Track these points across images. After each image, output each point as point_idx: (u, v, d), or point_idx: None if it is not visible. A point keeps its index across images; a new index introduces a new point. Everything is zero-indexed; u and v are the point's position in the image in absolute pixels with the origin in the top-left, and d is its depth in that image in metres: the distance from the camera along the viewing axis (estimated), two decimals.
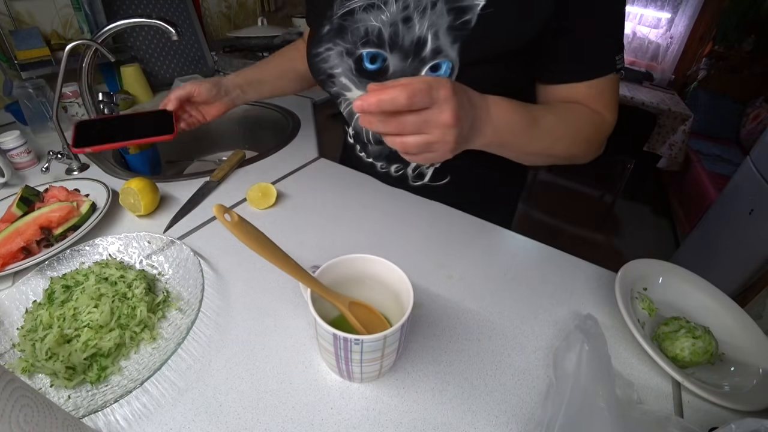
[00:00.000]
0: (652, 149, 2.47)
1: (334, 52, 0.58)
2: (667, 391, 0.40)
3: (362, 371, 0.36)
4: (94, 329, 0.39)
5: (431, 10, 0.50)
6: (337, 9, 0.56)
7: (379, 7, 0.53)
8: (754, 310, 1.23)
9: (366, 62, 0.56)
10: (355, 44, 0.56)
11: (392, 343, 0.34)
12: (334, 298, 0.37)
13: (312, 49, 0.61)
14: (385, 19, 0.53)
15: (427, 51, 0.52)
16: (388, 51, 0.54)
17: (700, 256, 1.76)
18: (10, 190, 0.65)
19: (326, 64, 0.60)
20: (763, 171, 1.49)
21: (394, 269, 0.38)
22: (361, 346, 0.32)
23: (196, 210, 0.63)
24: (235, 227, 0.31)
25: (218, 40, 1.45)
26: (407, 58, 0.53)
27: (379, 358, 0.34)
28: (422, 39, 0.51)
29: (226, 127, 1.15)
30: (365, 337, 0.32)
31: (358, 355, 0.33)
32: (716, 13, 2.77)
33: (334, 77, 0.60)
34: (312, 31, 0.63)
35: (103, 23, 1.05)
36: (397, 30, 0.53)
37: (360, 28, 0.55)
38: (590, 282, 0.53)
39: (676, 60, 3.01)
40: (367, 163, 0.71)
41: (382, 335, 0.32)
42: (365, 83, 0.57)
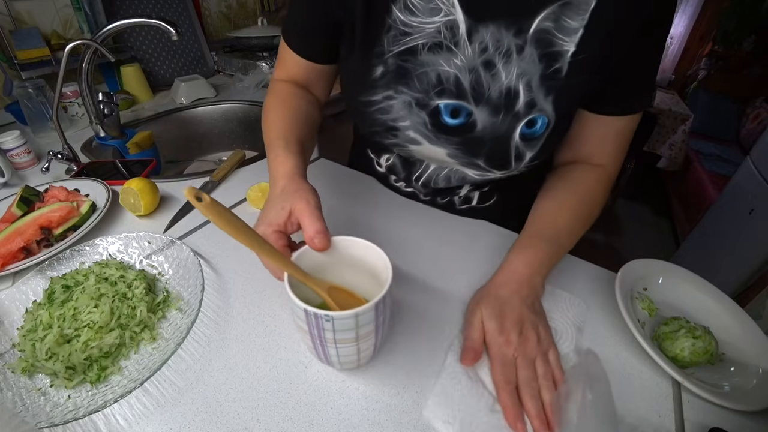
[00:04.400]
0: (652, 149, 2.47)
1: (397, 102, 0.49)
2: (667, 391, 0.40)
3: (338, 354, 0.35)
4: (94, 329, 0.39)
5: (518, 56, 0.43)
6: (391, 45, 0.46)
7: (449, 49, 0.44)
8: (754, 310, 1.23)
9: (445, 116, 0.48)
10: (426, 93, 0.47)
11: (367, 323, 0.33)
12: (312, 282, 0.36)
13: (360, 95, 0.51)
14: (459, 63, 0.45)
15: (520, 105, 0.46)
16: (472, 103, 0.47)
17: (700, 256, 1.76)
18: (10, 190, 0.65)
19: (387, 115, 0.51)
20: (763, 171, 1.49)
21: (374, 249, 0.37)
22: (332, 324, 0.32)
23: (196, 210, 0.62)
24: (208, 209, 0.30)
25: (218, 40, 1.45)
26: (497, 113, 0.47)
27: (353, 339, 0.33)
28: (513, 90, 0.45)
29: (226, 127, 1.15)
30: (336, 313, 0.31)
31: (330, 333, 0.32)
32: (716, 13, 2.77)
33: (398, 130, 0.52)
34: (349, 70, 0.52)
35: (103, 23, 1.05)
36: (479, 78, 0.45)
37: (430, 73, 0.46)
38: (590, 282, 0.53)
39: (676, 60, 3.01)
40: (406, 192, 0.67)
41: (353, 312, 0.31)
42: (443, 139, 0.50)
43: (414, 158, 0.60)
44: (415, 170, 0.63)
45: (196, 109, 1.11)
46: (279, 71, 0.59)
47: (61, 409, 0.35)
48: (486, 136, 0.49)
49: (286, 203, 0.39)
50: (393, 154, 0.64)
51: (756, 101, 2.69)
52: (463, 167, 0.56)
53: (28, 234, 0.51)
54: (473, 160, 0.52)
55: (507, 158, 0.51)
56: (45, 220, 0.53)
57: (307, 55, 0.55)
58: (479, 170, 0.55)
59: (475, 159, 0.52)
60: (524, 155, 0.51)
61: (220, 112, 1.14)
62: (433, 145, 0.52)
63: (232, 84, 1.26)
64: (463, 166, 0.55)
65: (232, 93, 1.20)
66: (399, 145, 0.55)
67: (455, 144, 0.51)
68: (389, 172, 0.67)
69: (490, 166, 0.52)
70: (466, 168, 0.56)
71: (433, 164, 0.59)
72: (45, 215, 0.54)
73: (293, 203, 0.39)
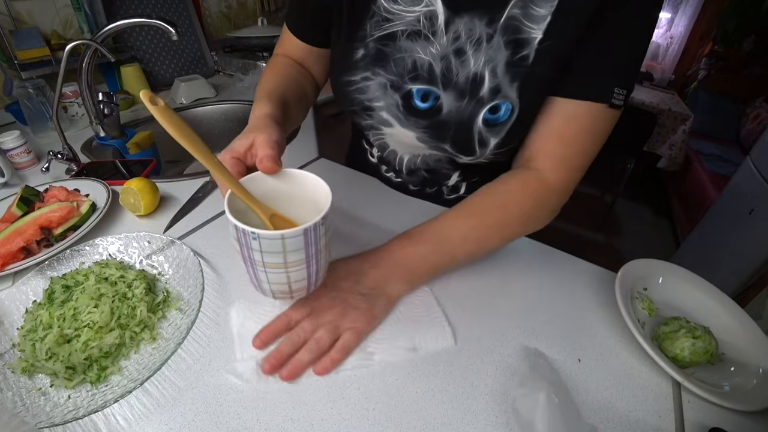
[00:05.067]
0: (652, 149, 2.47)
1: (374, 83, 0.51)
2: (667, 391, 0.40)
3: (269, 280, 0.35)
4: (94, 329, 0.39)
5: (487, 44, 0.44)
6: (373, 30, 0.48)
7: (426, 38, 0.46)
8: (754, 310, 1.23)
9: (416, 99, 0.50)
10: (401, 77, 0.49)
11: (296, 249, 0.33)
12: (255, 205, 0.36)
13: (341, 75, 0.53)
14: (434, 52, 0.46)
15: (484, 90, 0.47)
16: (441, 88, 0.48)
17: (700, 256, 1.76)
18: (10, 190, 0.65)
19: (363, 95, 0.53)
20: (763, 171, 1.49)
21: (322, 185, 0.37)
22: (259, 243, 0.32)
23: (196, 210, 0.63)
24: (160, 113, 0.30)
25: (218, 40, 1.45)
26: (462, 97, 0.48)
27: (282, 265, 0.33)
28: (479, 76, 0.46)
29: (226, 127, 1.15)
30: (262, 232, 0.31)
31: (258, 254, 0.33)
32: (716, 13, 2.77)
33: (373, 110, 0.54)
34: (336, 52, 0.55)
35: (103, 23, 1.05)
36: (449, 64, 0.47)
37: (406, 59, 0.48)
38: (590, 282, 0.53)
39: (676, 60, 3.01)
40: (396, 183, 0.69)
41: (279, 233, 0.31)
42: (414, 122, 0.52)
43: (390, 149, 0.62)
44: (394, 161, 0.65)
45: (196, 109, 1.11)
46: (280, 48, 0.62)
47: (61, 409, 0.35)
48: (451, 120, 0.50)
49: (251, 134, 0.39)
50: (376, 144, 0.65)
51: (756, 101, 2.69)
52: (432, 151, 0.57)
53: (28, 234, 0.51)
54: (440, 144, 0.54)
55: (471, 143, 0.51)
56: (45, 220, 0.53)
57: (304, 38, 0.58)
58: (447, 155, 0.56)
59: (441, 143, 0.53)
60: (488, 141, 0.51)
61: (220, 112, 1.14)
62: (403, 128, 0.54)
63: (232, 84, 1.26)
64: (432, 150, 0.57)
65: (232, 93, 1.20)
66: (374, 127, 0.57)
67: (423, 127, 0.52)
68: (380, 162, 0.69)
69: (456, 151, 0.53)
70: (434, 152, 0.58)
71: (406, 154, 0.62)
72: (45, 215, 0.54)
73: (256, 135, 0.39)
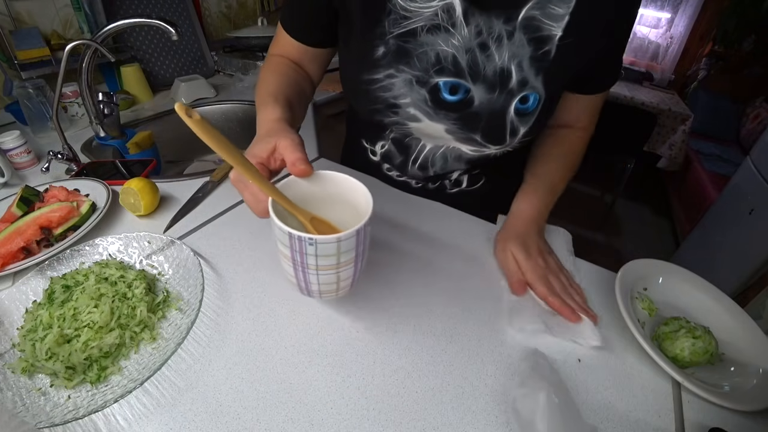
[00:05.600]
0: (652, 149, 2.47)
1: (399, 80, 0.52)
2: (667, 391, 0.40)
3: (319, 282, 0.36)
4: (94, 329, 0.39)
5: (508, 40, 0.47)
6: (391, 27, 0.49)
7: (447, 30, 0.47)
8: (754, 310, 1.23)
9: (444, 93, 0.51)
10: (426, 71, 0.50)
11: (348, 250, 0.34)
12: (296, 210, 0.37)
13: (363, 74, 0.53)
14: (457, 44, 0.48)
15: (513, 83, 0.49)
16: (470, 81, 0.50)
17: (700, 256, 1.76)
18: (10, 190, 0.65)
19: (389, 92, 0.53)
20: (763, 171, 1.49)
21: (358, 186, 0.38)
22: (315, 247, 0.32)
23: (196, 210, 0.63)
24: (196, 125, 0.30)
25: (218, 40, 1.45)
26: (493, 90, 0.50)
27: (334, 266, 0.34)
28: (506, 70, 0.49)
29: (225, 126, 1.15)
30: (319, 237, 0.32)
31: (313, 259, 0.33)
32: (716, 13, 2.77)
33: (399, 107, 0.54)
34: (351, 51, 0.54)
35: (103, 23, 1.05)
36: (475, 58, 0.48)
37: (429, 52, 0.49)
38: (590, 282, 0.53)
39: (676, 60, 3.01)
40: (399, 182, 0.70)
41: (335, 237, 0.32)
42: (442, 114, 0.53)
43: (411, 138, 0.62)
44: (411, 152, 0.65)
45: (196, 109, 1.11)
46: (275, 48, 0.62)
47: (61, 409, 0.35)
48: (483, 111, 0.52)
49: (272, 139, 0.40)
50: (388, 141, 0.65)
51: (756, 101, 2.69)
52: (459, 143, 0.58)
53: (28, 234, 0.51)
54: (470, 135, 0.55)
55: (503, 132, 0.54)
56: (45, 220, 0.53)
57: (300, 38, 0.58)
58: (475, 145, 0.57)
59: (472, 134, 0.55)
60: (518, 130, 0.54)
61: (220, 112, 1.14)
62: (432, 122, 0.55)
63: (232, 84, 1.26)
64: (460, 142, 0.58)
65: (232, 93, 1.20)
66: (399, 123, 0.57)
67: (453, 119, 0.54)
68: (383, 160, 0.69)
69: (486, 141, 0.55)
70: (462, 144, 0.58)
71: (429, 143, 0.62)
72: (45, 215, 0.54)
73: (278, 139, 0.39)
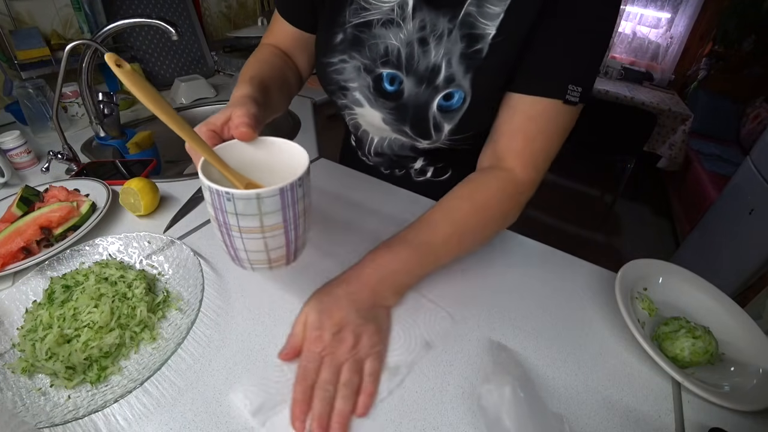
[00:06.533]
0: (652, 149, 2.47)
1: (350, 65, 0.55)
2: (667, 391, 0.40)
3: (245, 247, 0.33)
4: (94, 329, 0.39)
5: (447, 37, 0.48)
6: (351, 17, 0.52)
7: (398, 24, 0.50)
8: (754, 310, 1.23)
9: (385, 82, 0.54)
10: (374, 61, 0.53)
11: (272, 212, 0.32)
12: (230, 174, 0.35)
13: (323, 57, 0.57)
14: (402, 37, 0.50)
15: (440, 79, 0.50)
16: (404, 73, 0.52)
17: (700, 256, 1.76)
18: (10, 190, 0.65)
19: (340, 75, 0.57)
20: (763, 171, 1.49)
21: (295, 148, 0.37)
22: (234, 204, 0.30)
23: (196, 210, 0.63)
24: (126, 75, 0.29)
25: (218, 40, 1.45)
26: (421, 83, 0.52)
27: (259, 229, 0.32)
28: (437, 66, 0.50)
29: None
30: (236, 192, 0.30)
31: (233, 218, 0.31)
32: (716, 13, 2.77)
33: (348, 90, 0.58)
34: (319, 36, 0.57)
35: (103, 23, 1.05)
36: (412, 52, 0.50)
37: (379, 45, 0.52)
38: (590, 282, 0.53)
39: (676, 60, 3.01)
40: (369, 165, 0.72)
41: (254, 192, 0.30)
42: (381, 103, 0.56)
43: (362, 130, 0.66)
44: (365, 142, 0.68)
45: (196, 109, 1.11)
46: (267, 37, 0.63)
47: (61, 409, 0.35)
48: (410, 103, 0.54)
49: (228, 110, 0.40)
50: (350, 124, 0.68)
51: (756, 101, 2.68)
52: (396, 134, 0.60)
53: (28, 234, 0.51)
54: (401, 127, 0.57)
55: (427, 127, 0.55)
56: (45, 220, 0.53)
57: (295, 22, 0.60)
58: (408, 138, 0.59)
59: (402, 126, 0.57)
60: (442, 126, 0.54)
61: None
62: (372, 109, 0.57)
63: (232, 84, 1.26)
64: (396, 134, 0.60)
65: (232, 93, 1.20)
66: (347, 106, 0.61)
67: (389, 109, 0.56)
68: (357, 146, 0.72)
69: (415, 134, 0.57)
70: (398, 136, 0.60)
71: (376, 135, 0.65)
72: (45, 215, 0.54)
73: (234, 109, 0.39)
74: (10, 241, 0.50)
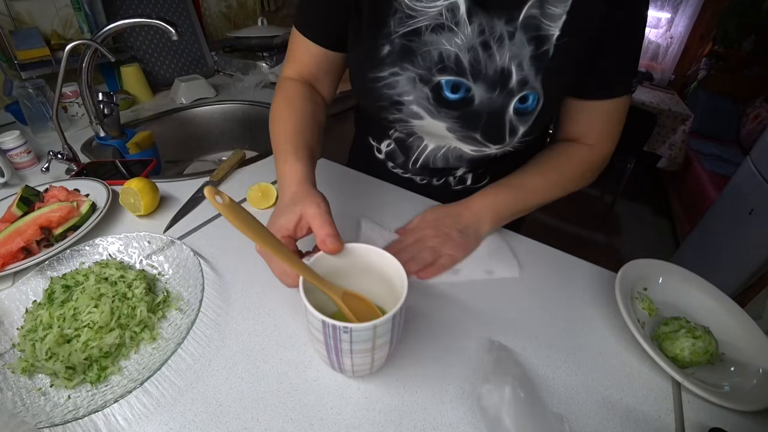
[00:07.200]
0: (652, 149, 2.47)
1: (403, 78, 0.52)
2: (667, 391, 0.40)
3: (353, 363, 0.35)
4: (94, 329, 0.39)
5: (510, 41, 0.47)
6: (397, 27, 0.50)
7: (450, 29, 0.48)
8: (754, 310, 1.23)
9: (446, 91, 0.51)
10: (429, 70, 0.51)
11: (383, 334, 0.33)
12: (327, 287, 0.36)
13: (369, 72, 0.54)
14: (460, 43, 0.48)
15: (513, 82, 0.50)
16: (471, 80, 0.50)
17: (700, 256, 1.76)
18: (10, 190, 0.65)
19: (393, 90, 0.54)
20: (763, 171, 1.49)
21: (390, 259, 0.38)
22: (350, 335, 0.32)
23: (196, 210, 0.63)
24: (227, 209, 0.30)
25: (218, 40, 1.45)
26: (493, 89, 0.50)
27: (369, 349, 0.34)
28: (506, 70, 0.49)
29: (226, 127, 1.15)
30: (354, 326, 0.31)
31: (347, 344, 0.32)
32: (716, 13, 2.77)
33: (403, 104, 0.55)
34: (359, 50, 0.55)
35: (103, 23, 1.05)
36: (477, 57, 0.49)
37: (432, 51, 0.49)
38: (590, 282, 0.53)
39: (676, 60, 3.01)
40: (403, 178, 0.70)
41: (371, 324, 0.31)
42: (444, 113, 0.53)
43: (414, 136, 0.63)
44: (412, 153, 0.65)
45: (196, 109, 1.11)
46: (289, 66, 0.61)
47: (61, 409, 0.35)
48: (483, 110, 0.52)
49: (297, 207, 0.40)
50: (392, 140, 0.66)
51: (756, 101, 2.68)
52: (460, 142, 0.59)
53: (28, 234, 0.51)
54: (470, 134, 0.55)
55: (502, 132, 0.54)
56: (45, 220, 0.53)
57: (320, 41, 0.57)
58: (476, 144, 0.57)
59: (472, 132, 0.55)
60: (518, 129, 0.54)
61: (220, 112, 1.14)
62: (434, 119, 0.55)
63: (232, 84, 1.26)
64: (461, 141, 0.58)
65: (232, 93, 1.20)
66: (402, 120, 0.58)
67: (455, 118, 0.54)
68: (387, 158, 0.69)
69: (486, 140, 0.55)
70: (463, 143, 0.59)
71: (432, 143, 0.62)
72: (45, 215, 0.54)
73: (303, 208, 0.40)
74: (10, 241, 0.50)
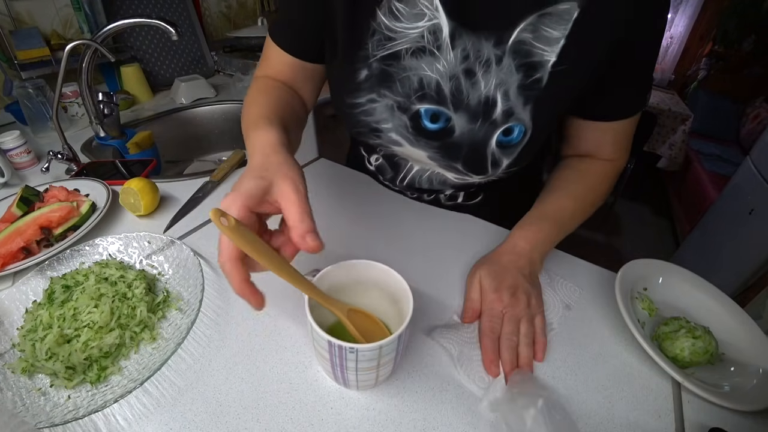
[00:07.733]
0: (652, 149, 2.47)
1: (380, 105, 0.49)
2: (667, 391, 0.40)
3: (358, 379, 0.35)
4: (94, 329, 0.39)
5: (497, 66, 0.43)
6: (375, 49, 0.46)
7: (432, 53, 0.44)
8: (754, 310, 1.23)
9: (425, 120, 0.48)
10: (408, 97, 0.48)
11: (389, 353, 0.33)
12: (332, 305, 0.36)
13: (346, 98, 0.51)
14: (441, 69, 0.45)
15: (497, 113, 0.46)
16: (451, 109, 0.47)
17: (700, 256, 1.76)
18: (10, 190, 0.65)
19: (370, 117, 0.51)
20: (763, 171, 1.49)
21: (394, 275, 0.38)
22: (356, 355, 0.32)
23: (196, 210, 0.63)
24: (232, 231, 0.30)
25: (218, 40, 1.45)
26: (476, 119, 0.47)
27: (375, 367, 0.34)
28: (491, 99, 0.45)
29: (226, 127, 1.15)
30: (360, 346, 0.31)
31: (353, 363, 0.33)
32: (716, 13, 2.77)
33: (381, 132, 0.52)
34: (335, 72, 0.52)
35: (103, 23, 1.05)
36: (459, 85, 0.45)
37: (412, 77, 0.46)
38: (590, 282, 0.53)
39: (676, 60, 3.01)
40: (394, 191, 0.68)
41: (377, 345, 0.31)
42: (423, 142, 0.51)
43: (399, 158, 0.61)
44: (400, 171, 0.63)
45: (196, 109, 1.11)
46: (262, 69, 0.56)
47: (61, 409, 0.35)
48: (464, 141, 0.50)
49: (267, 173, 0.33)
50: (380, 154, 0.64)
51: (756, 101, 2.68)
52: (443, 170, 0.57)
53: (28, 234, 0.51)
54: (451, 164, 0.53)
55: (484, 164, 0.52)
56: (45, 220, 0.53)
57: (295, 52, 0.53)
58: (458, 173, 0.55)
59: (453, 163, 0.53)
60: (501, 162, 0.51)
61: (220, 112, 1.14)
62: (413, 147, 0.53)
63: (232, 84, 1.26)
64: (443, 169, 0.56)
65: (232, 93, 1.20)
66: (383, 145, 0.56)
67: (434, 147, 0.52)
68: (378, 171, 0.68)
69: (467, 171, 0.53)
70: (446, 171, 0.57)
71: (416, 165, 0.61)
72: (45, 215, 0.54)
73: (277, 179, 0.33)
74: (10, 241, 0.50)
